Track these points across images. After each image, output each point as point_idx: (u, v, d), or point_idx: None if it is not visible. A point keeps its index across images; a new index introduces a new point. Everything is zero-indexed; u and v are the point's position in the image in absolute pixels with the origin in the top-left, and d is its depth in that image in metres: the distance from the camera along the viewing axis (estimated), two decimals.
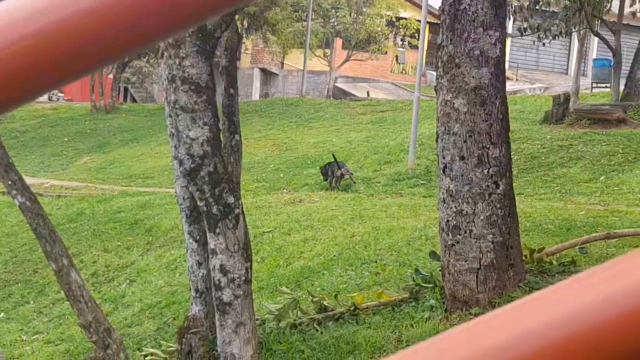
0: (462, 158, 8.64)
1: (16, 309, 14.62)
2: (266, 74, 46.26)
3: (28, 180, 10.46)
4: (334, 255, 12.70)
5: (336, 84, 42.58)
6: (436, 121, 9.01)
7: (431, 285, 9.50)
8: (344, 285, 11.10)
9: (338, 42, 43.17)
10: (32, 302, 14.75)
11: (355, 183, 18.77)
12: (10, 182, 8.93)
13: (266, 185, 20.27)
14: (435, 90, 9.01)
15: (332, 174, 18.71)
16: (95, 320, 8.89)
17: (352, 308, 9.60)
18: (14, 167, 9.11)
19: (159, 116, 34.69)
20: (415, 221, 13.81)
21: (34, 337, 13.24)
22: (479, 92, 8.59)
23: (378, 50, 41.92)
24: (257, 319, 9.08)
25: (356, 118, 30.22)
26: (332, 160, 19.06)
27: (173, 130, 8.69)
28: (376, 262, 11.87)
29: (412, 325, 8.90)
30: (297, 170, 22.07)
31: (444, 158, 8.79)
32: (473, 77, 8.59)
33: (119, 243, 16.31)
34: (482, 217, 8.63)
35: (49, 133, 34.00)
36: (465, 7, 8.63)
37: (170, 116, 8.62)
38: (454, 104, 8.65)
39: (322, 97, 40.16)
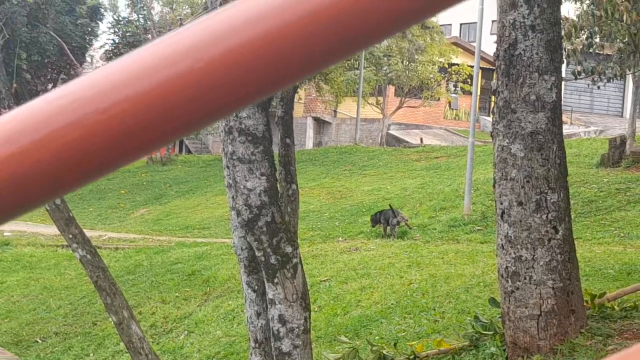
0: (520, 203, 8.58)
1: None
2: (319, 123, 46.45)
3: (86, 232, 10.60)
4: (392, 304, 12.64)
5: (389, 131, 42.61)
6: (493, 167, 8.97)
7: (491, 333, 9.40)
8: (403, 334, 11.03)
9: (390, 89, 43.26)
10: (91, 354, 14.84)
11: (411, 229, 18.72)
12: (71, 236, 9.03)
13: (322, 234, 20.27)
14: (492, 136, 8.97)
15: (387, 222, 18.66)
16: None
17: (412, 357, 9.52)
18: (74, 220, 9.22)
19: (214, 167, 34.98)
20: (473, 268, 13.71)
21: None
22: (536, 137, 8.55)
23: (431, 96, 41.92)
24: None
25: (410, 165, 30.19)
26: (386, 208, 19.07)
27: (230, 181, 8.74)
28: (434, 309, 11.79)
29: None
30: (352, 218, 22.06)
31: (501, 204, 8.73)
32: (529, 122, 8.56)
33: (177, 294, 16.38)
34: (541, 263, 8.54)
35: (106, 186, 34.38)
36: (520, 53, 8.62)
37: (228, 167, 8.67)
38: (510, 149, 8.61)
39: (375, 145, 40.21)
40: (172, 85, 0.72)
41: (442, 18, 43.64)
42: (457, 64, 41.99)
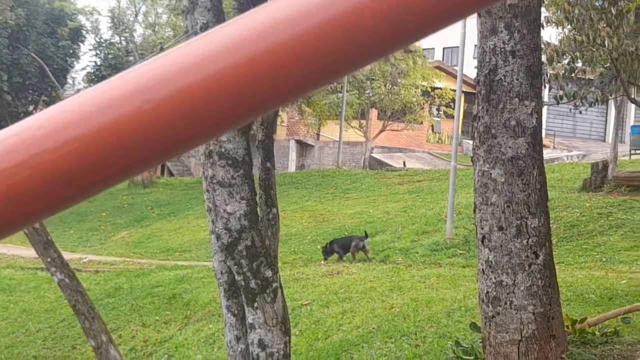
0: (500, 228, 8.58)
1: None
2: (302, 146, 46.48)
3: (66, 255, 10.53)
4: (373, 328, 12.60)
5: (372, 154, 42.68)
6: (474, 192, 8.98)
7: (472, 358, 9.38)
8: (384, 358, 11.00)
9: (373, 112, 43.36)
10: None
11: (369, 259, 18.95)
12: (49, 259, 8.98)
13: (303, 257, 20.24)
14: (472, 161, 8.98)
15: (343, 249, 19.31)
16: None
17: None
18: (53, 244, 9.16)
19: (196, 190, 34.90)
20: (455, 292, 13.70)
21: None
22: (516, 162, 8.56)
23: (414, 120, 42.03)
24: None
25: (393, 188, 30.22)
26: (336, 238, 20.23)
27: (210, 205, 8.71)
28: (416, 334, 11.76)
29: None
30: None
31: (482, 229, 8.73)
32: (510, 147, 8.57)
33: (157, 317, 16.29)
34: (522, 288, 8.53)
35: (87, 208, 34.24)
36: (500, 78, 8.64)
37: (208, 191, 8.65)
38: (491, 174, 8.62)
39: (358, 168, 40.26)
40: (119, 125, 0.70)
41: (425, 42, 43.83)
42: (440, 88, 42.15)
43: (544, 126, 14.73)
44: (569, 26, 18.82)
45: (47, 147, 0.70)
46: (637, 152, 30.93)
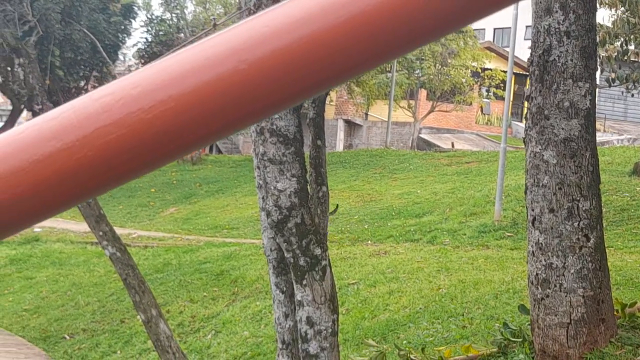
0: (551, 210, 8.52)
1: (103, 358, 14.76)
2: (350, 125, 46.44)
3: (116, 230, 10.65)
4: (420, 308, 12.60)
5: (420, 135, 42.53)
6: (525, 173, 8.92)
7: (520, 340, 9.34)
8: (431, 339, 10.99)
9: (422, 93, 43.19)
10: (119, 352, 14.89)
11: None
12: (101, 233, 9.06)
13: (350, 237, 20.24)
14: (524, 142, 8.92)
15: None
16: None
17: None
18: (105, 218, 9.25)
19: (244, 167, 35.04)
20: (503, 274, 13.64)
21: None
22: (569, 144, 8.49)
23: (463, 101, 41.80)
24: None
25: (441, 169, 30.11)
26: None
27: (261, 182, 8.74)
28: (463, 315, 11.74)
29: None
30: (381, 221, 22.02)
31: (533, 210, 8.68)
32: (563, 128, 8.50)
33: (205, 293, 16.40)
34: (572, 271, 8.48)
35: (136, 184, 34.52)
36: (554, 59, 8.56)
37: (259, 168, 8.67)
38: (543, 156, 8.56)
39: (406, 148, 40.14)
40: (216, 85, 0.71)
41: (476, 23, 43.49)
42: (490, 69, 41.86)
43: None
44: (622, 8, 18.61)
45: (143, 106, 0.70)
46: None
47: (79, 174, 0.72)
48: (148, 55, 38.61)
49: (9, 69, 36.28)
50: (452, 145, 39.26)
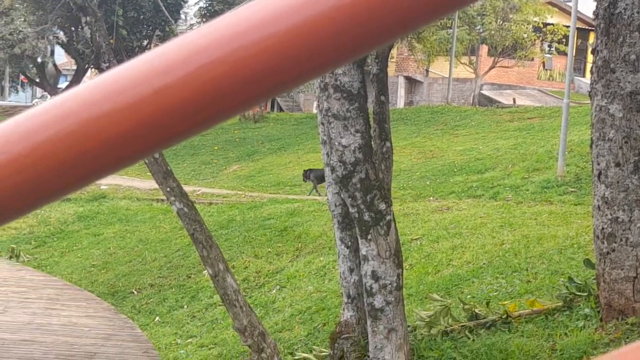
0: (617, 164, 8.47)
1: (170, 313, 14.99)
2: (411, 82, 46.23)
3: None
4: (484, 263, 12.60)
5: (481, 91, 42.22)
6: (590, 127, 8.86)
7: (585, 294, 9.33)
8: (495, 294, 11.01)
9: (484, 49, 42.81)
10: (185, 306, 15.11)
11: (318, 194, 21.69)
12: (168, 189, 9.19)
13: (412, 193, 20.24)
14: (590, 96, 8.85)
15: (318, 180, 21.75)
16: (250, 325, 9.06)
17: (504, 316, 9.51)
18: (172, 173, 9.38)
19: (306, 125, 35.10)
20: (567, 229, 13.58)
21: (188, 340, 13.54)
22: (635, 98, 8.41)
23: (524, 56, 41.35)
24: (408, 326, 9.09)
25: (503, 125, 29.91)
26: (313, 168, 23.16)
27: (325, 138, 8.79)
28: (527, 270, 11.73)
29: (566, 334, 8.77)
30: (443, 177, 21.98)
31: (598, 164, 8.63)
32: (629, 82, 8.41)
33: (269, 249, 16.55)
34: (638, 225, 8.43)
35: (200, 142, 34.78)
36: (620, 11, 8.46)
37: (323, 124, 8.73)
38: (609, 109, 8.49)
39: (467, 105, 39.88)
40: (314, 23, 0.74)
41: None
42: (552, 24, 41.30)
43: None
44: None
45: (245, 43, 0.74)
46: None
47: (185, 109, 0.74)
48: (209, 13, 38.68)
49: (73, 29, 36.64)
50: (514, 101, 38.92)
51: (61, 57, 65.67)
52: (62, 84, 57.15)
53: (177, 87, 0.73)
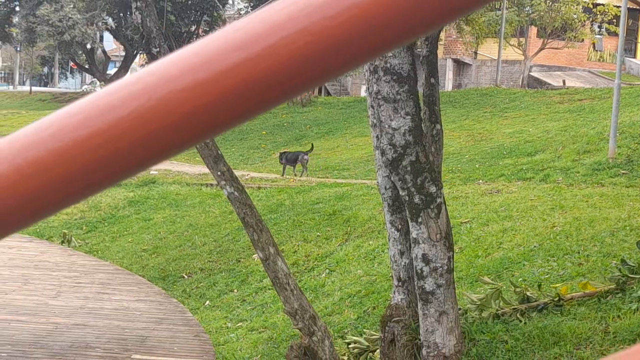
0: None
1: (221, 297, 15.08)
2: (459, 65, 45.99)
3: None
4: (534, 246, 12.52)
5: (531, 73, 41.89)
6: None
7: (638, 277, 9.25)
8: (546, 276, 10.94)
9: (533, 30, 42.44)
10: (235, 290, 15.19)
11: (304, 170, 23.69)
12: (219, 173, 9.23)
13: (462, 176, 20.15)
14: None
15: (292, 161, 24.03)
16: (301, 308, 9.08)
17: (556, 299, 9.46)
18: (222, 158, 9.41)
19: (354, 109, 35.06)
20: (619, 211, 13.45)
21: (238, 324, 13.62)
22: None
23: (574, 38, 40.95)
24: (459, 309, 9.07)
25: (553, 107, 29.67)
26: (286, 151, 25.49)
27: (375, 121, 8.78)
28: (579, 252, 11.64)
29: (619, 316, 8.70)
30: (492, 160, 21.86)
31: None
32: None
33: (318, 233, 16.58)
34: None
35: (248, 127, 34.88)
36: None
37: (372, 107, 8.71)
38: None
39: (516, 87, 39.61)
40: None
41: None
42: (602, 4, 40.82)
43: None
44: None
45: (328, 14, 0.74)
46: None
47: (264, 83, 0.75)
48: None
49: (121, 15, 36.89)
50: (564, 83, 38.58)
51: (110, 43, 66.25)
52: (111, 70, 57.67)
53: (257, 60, 0.73)
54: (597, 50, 45.95)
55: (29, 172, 0.73)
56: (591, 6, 40.71)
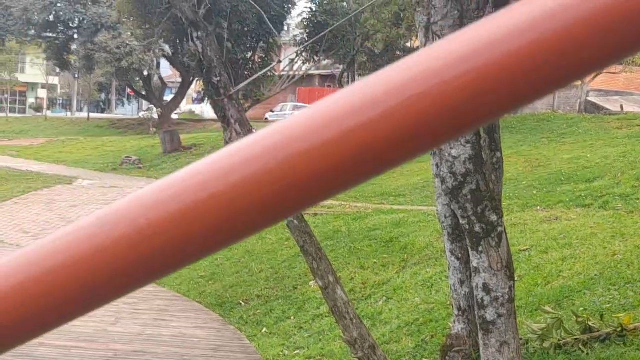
0: None
1: (278, 324, 15.08)
2: None
3: None
4: (595, 275, 12.38)
5: (588, 98, 41.59)
6: None
7: None
8: (608, 305, 10.80)
9: None
10: (292, 317, 15.18)
11: None
12: None
13: (519, 203, 19.99)
14: None
15: None
16: (360, 337, 9.04)
17: (618, 329, 9.33)
18: None
19: None
20: None
21: (295, 352, 13.60)
22: None
23: (632, 62, 40.61)
24: (520, 339, 8.98)
25: (611, 133, 29.39)
26: None
27: (435, 149, 8.75)
28: None
29: None
30: (550, 187, 21.66)
31: None
32: None
33: (375, 260, 16.54)
34: None
35: None
36: None
37: None
38: None
39: (573, 112, 39.31)
40: (516, 56, 0.72)
41: None
42: None
43: None
44: None
45: (446, 78, 0.73)
46: None
47: (393, 142, 0.74)
48: (312, 25, 38.88)
49: (178, 42, 37.24)
50: (621, 108, 38.25)
51: (166, 69, 66.89)
52: (168, 97, 58.20)
53: (382, 120, 0.73)
54: None
55: (150, 233, 0.74)
56: None
